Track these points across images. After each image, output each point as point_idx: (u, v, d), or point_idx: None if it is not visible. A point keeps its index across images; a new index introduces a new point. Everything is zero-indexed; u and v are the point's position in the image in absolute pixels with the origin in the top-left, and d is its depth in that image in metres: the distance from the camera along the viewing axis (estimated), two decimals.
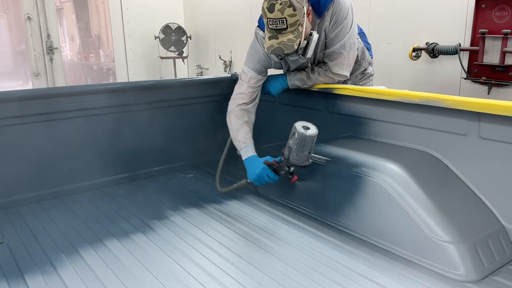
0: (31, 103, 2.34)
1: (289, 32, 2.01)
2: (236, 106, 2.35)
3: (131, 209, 2.28)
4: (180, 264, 1.74)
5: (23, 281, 1.64)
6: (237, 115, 2.33)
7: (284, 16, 1.96)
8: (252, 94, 2.36)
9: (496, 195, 1.80)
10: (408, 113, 2.03)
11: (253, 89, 2.36)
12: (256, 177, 2.17)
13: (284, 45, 2.02)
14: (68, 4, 9.44)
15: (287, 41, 2.01)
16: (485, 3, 3.19)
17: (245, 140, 2.27)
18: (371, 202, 1.89)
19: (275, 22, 1.99)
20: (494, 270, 1.64)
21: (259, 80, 2.37)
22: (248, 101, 2.36)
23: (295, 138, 2.00)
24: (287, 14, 1.96)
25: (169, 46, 6.16)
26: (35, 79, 5.84)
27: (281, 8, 1.96)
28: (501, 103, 1.67)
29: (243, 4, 5.48)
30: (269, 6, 1.98)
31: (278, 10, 1.96)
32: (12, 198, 2.32)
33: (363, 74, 2.58)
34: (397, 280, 1.60)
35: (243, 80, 2.37)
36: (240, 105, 2.35)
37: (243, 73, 2.37)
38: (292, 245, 1.88)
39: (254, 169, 2.18)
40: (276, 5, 1.96)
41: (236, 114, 2.34)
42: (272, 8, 1.97)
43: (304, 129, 1.99)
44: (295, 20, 1.98)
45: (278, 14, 1.96)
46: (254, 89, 2.37)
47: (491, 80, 3.23)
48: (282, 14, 1.96)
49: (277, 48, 2.03)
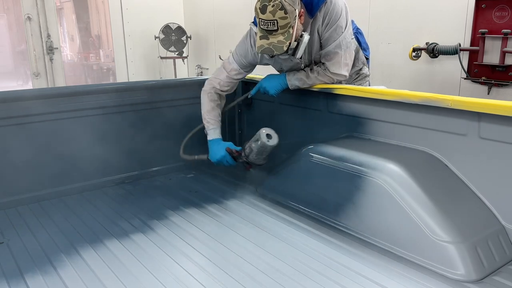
0: (31, 103, 2.34)
1: (280, 34, 2.04)
2: (212, 88, 2.51)
3: (131, 209, 2.28)
4: (180, 264, 1.74)
5: (23, 281, 1.64)
6: (210, 97, 2.51)
7: (275, 18, 2.00)
8: (228, 84, 2.49)
9: (496, 195, 1.80)
10: (408, 113, 2.03)
11: (230, 80, 2.47)
12: (216, 161, 2.44)
13: (273, 46, 2.05)
14: (68, 4, 9.44)
15: (277, 42, 2.05)
16: (485, 3, 3.19)
17: (214, 123, 2.49)
18: (371, 202, 1.89)
19: (266, 23, 2.02)
20: (494, 270, 1.64)
21: (240, 73, 2.45)
22: (224, 89, 2.51)
23: (258, 144, 2.25)
24: (278, 16, 1.99)
25: (169, 46, 6.16)
26: (35, 79, 5.84)
27: (272, 10, 1.98)
28: (501, 103, 1.67)
29: (243, 4, 5.48)
30: (262, 7, 2.01)
31: (269, 12, 1.99)
32: (12, 198, 2.32)
33: (358, 74, 2.59)
34: (397, 280, 1.60)
35: (225, 68, 2.47)
36: (215, 88, 2.49)
37: (227, 62, 2.46)
38: (292, 245, 1.88)
39: (216, 152, 2.43)
40: (268, 6, 1.99)
41: (210, 96, 2.51)
42: (264, 9, 2.00)
43: (267, 138, 2.23)
44: (286, 23, 2.01)
45: (270, 16, 1.99)
46: (232, 81, 2.48)
47: (491, 80, 3.23)
48: (273, 16, 1.99)
49: (267, 49, 2.07)
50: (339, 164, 2.06)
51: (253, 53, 2.36)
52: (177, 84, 2.99)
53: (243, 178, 2.66)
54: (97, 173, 2.60)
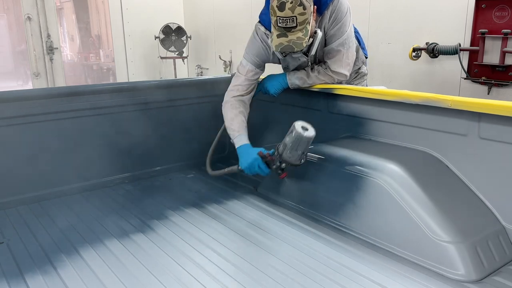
0: (31, 103, 2.34)
1: (298, 30, 2.05)
2: (232, 97, 2.41)
3: (131, 209, 2.28)
4: (180, 264, 1.74)
5: (23, 281, 1.64)
6: (232, 105, 2.38)
7: (295, 15, 2.01)
8: (248, 86, 2.42)
9: (496, 195, 1.80)
10: (408, 113, 2.03)
11: (250, 82, 2.42)
12: (248, 166, 2.20)
13: (293, 43, 2.06)
14: (68, 4, 9.45)
15: (296, 39, 2.05)
16: (485, 3, 3.19)
17: (239, 129, 2.31)
18: (371, 202, 1.89)
19: (285, 21, 2.03)
20: (494, 270, 1.64)
21: (257, 73, 2.42)
22: (244, 93, 2.42)
23: (292, 136, 2.02)
24: (297, 12, 2.00)
25: (169, 46, 6.16)
26: (35, 79, 5.84)
27: (291, 7, 2.00)
28: (501, 103, 1.67)
29: (243, 4, 5.48)
30: (279, 5, 2.02)
31: (288, 8, 2.00)
32: (12, 198, 2.32)
33: (357, 73, 2.60)
34: (397, 280, 1.60)
35: (240, 72, 2.42)
36: (236, 96, 2.41)
37: (241, 66, 2.43)
38: (292, 245, 1.88)
39: (247, 157, 2.20)
40: (287, 3, 2.00)
41: (232, 104, 2.38)
42: (282, 7, 2.01)
43: (302, 129, 2.00)
44: (304, 19, 2.02)
45: (289, 13, 2.01)
46: (251, 82, 2.43)
47: (491, 80, 3.23)
48: (292, 12, 2.00)
49: (287, 46, 2.07)
50: (339, 164, 2.06)
51: (265, 50, 2.35)
52: (177, 84, 2.99)
53: (243, 178, 2.66)
54: (97, 173, 2.60)
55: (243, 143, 2.26)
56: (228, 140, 2.51)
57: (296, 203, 2.25)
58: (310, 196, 2.19)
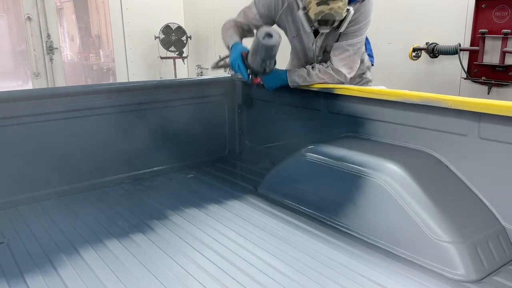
0: (31, 103, 2.34)
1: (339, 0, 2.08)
2: (233, 21, 2.52)
3: (131, 209, 2.28)
4: (180, 264, 1.74)
5: (23, 281, 1.64)
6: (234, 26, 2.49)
7: None
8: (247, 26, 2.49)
9: (496, 195, 1.80)
10: (408, 113, 2.03)
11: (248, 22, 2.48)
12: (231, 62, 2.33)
13: (334, 11, 2.10)
14: (68, 4, 9.45)
15: (337, 8, 2.09)
16: (485, 3, 3.19)
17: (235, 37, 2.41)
18: (371, 202, 1.89)
19: None
20: (494, 270, 1.64)
21: (258, 21, 2.46)
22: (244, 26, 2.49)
23: (254, 41, 2.07)
24: None
25: (169, 46, 6.17)
26: (35, 79, 5.84)
27: None
28: (501, 103, 1.67)
29: (243, 4, 5.47)
30: None
31: None
32: (12, 198, 2.32)
33: (360, 78, 2.60)
34: (397, 280, 1.60)
35: (246, 12, 2.50)
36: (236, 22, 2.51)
37: (248, 8, 2.50)
38: (292, 245, 1.88)
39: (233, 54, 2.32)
40: None
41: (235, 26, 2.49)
42: None
43: (265, 36, 2.00)
44: None
45: None
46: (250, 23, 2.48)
47: (491, 80, 3.23)
48: None
49: (328, 14, 2.11)
50: (339, 164, 2.06)
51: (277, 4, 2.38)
52: (177, 84, 2.99)
53: (243, 178, 2.66)
54: (97, 173, 2.60)
55: (234, 41, 2.37)
56: (228, 140, 2.51)
57: (296, 203, 2.25)
58: (310, 196, 2.19)
